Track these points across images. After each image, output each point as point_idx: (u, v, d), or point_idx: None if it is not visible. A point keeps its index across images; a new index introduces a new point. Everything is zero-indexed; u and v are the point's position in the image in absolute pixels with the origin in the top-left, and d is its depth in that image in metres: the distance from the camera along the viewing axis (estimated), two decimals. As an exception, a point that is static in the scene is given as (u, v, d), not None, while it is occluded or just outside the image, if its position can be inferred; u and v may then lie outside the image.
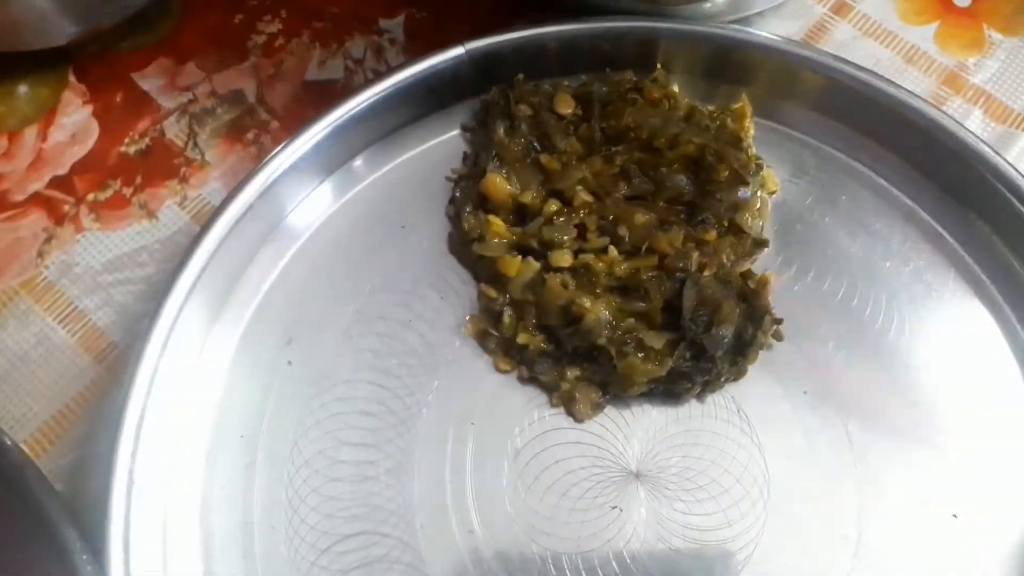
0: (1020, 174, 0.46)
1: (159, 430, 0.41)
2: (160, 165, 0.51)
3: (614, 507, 0.42)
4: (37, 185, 0.50)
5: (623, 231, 0.43)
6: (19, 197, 0.50)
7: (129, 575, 0.38)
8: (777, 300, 0.45)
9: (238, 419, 0.44)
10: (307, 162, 0.46)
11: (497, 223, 0.44)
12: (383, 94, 0.47)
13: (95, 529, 0.38)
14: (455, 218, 0.47)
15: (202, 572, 0.41)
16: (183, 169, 0.51)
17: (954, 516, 0.42)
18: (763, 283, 0.44)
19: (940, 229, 0.48)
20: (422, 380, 0.44)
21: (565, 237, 0.43)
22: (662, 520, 0.42)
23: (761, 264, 0.46)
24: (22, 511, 0.38)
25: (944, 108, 0.50)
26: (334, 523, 0.42)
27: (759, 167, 0.46)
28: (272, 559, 0.41)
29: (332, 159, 0.48)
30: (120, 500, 0.39)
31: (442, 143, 0.50)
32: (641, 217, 0.43)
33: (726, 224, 0.45)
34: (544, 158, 0.45)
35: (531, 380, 0.44)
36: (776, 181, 0.48)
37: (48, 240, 0.49)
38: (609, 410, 0.44)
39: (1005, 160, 0.46)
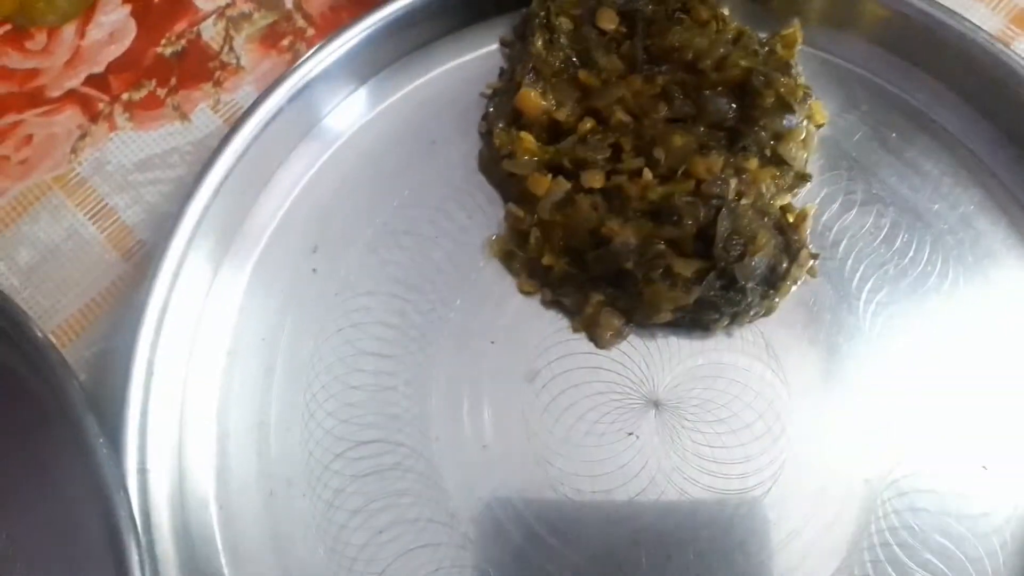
0: (1088, 121, 0.43)
1: (180, 326, 0.42)
2: (195, 67, 0.51)
3: (630, 433, 0.41)
4: (73, 82, 0.50)
5: (659, 153, 0.42)
6: (55, 93, 0.50)
7: (144, 462, 0.39)
8: (816, 236, 0.44)
9: (260, 322, 0.44)
10: (340, 68, 0.46)
11: (529, 139, 0.43)
12: (421, 1, 0.46)
13: (114, 419, 0.39)
14: (487, 135, 0.45)
15: (215, 467, 0.41)
16: (218, 73, 0.50)
17: (984, 468, 0.40)
18: (802, 217, 0.42)
19: (996, 174, 0.45)
20: (445, 296, 0.44)
21: (599, 156, 0.42)
22: (678, 450, 0.41)
23: (802, 199, 0.44)
24: (45, 396, 0.39)
25: (1011, 47, 0.47)
26: (350, 429, 0.42)
27: (807, 96, 0.44)
28: (286, 460, 0.41)
29: (366, 67, 0.47)
30: (138, 388, 0.39)
31: (479, 58, 0.48)
32: (679, 139, 0.41)
33: (768, 154, 0.43)
34: (583, 74, 0.43)
35: (554, 303, 0.44)
36: (824, 114, 0.46)
37: (82, 137, 0.49)
38: (632, 338, 0.43)
39: (1074, 106, 0.44)
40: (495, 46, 0.48)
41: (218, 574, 0.40)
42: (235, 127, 0.44)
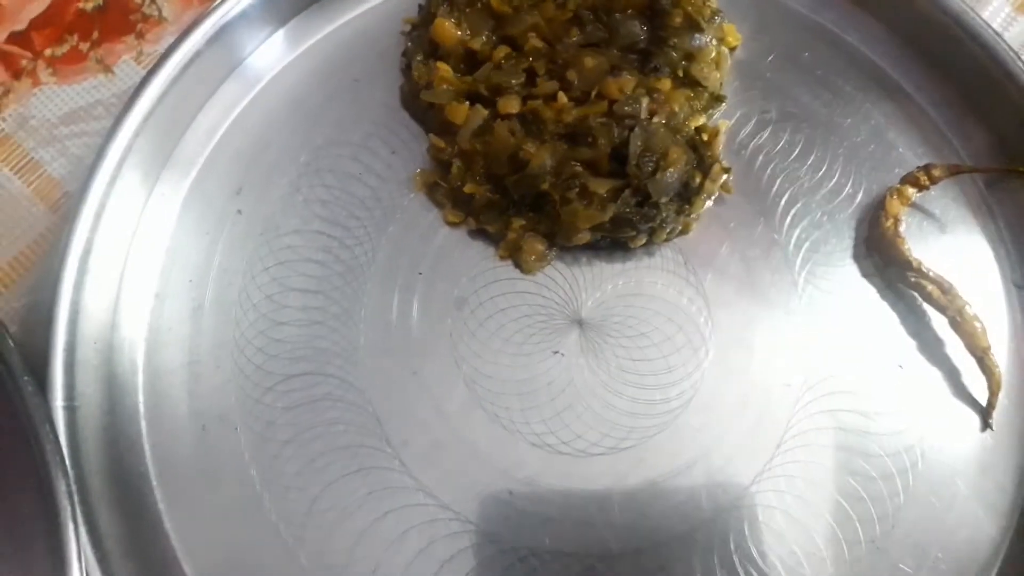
0: (993, 32, 0.44)
1: (105, 268, 0.42)
2: (117, 21, 0.51)
3: (556, 352, 0.42)
4: (-5, 41, 0.50)
5: (572, 76, 0.42)
6: (-23, 52, 0.50)
7: (72, 399, 0.39)
8: (731, 155, 0.44)
9: (187, 264, 0.44)
10: (258, 10, 0.46)
11: (445, 69, 0.43)
12: (336, -60, 0.46)
13: (42, 358, 0.39)
14: (406, 69, 0.46)
15: (146, 405, 0.42)
16: (140, 25, 0.50)
17: (900, 366, 0.42)
18: (714, 133, 0.43)
19: (906, 87, 0.46)
20: (371, 231, 0.44)
21: (513, 81, 0.42)
22: (602, 365, 0.42)
23: (718, 119, 0.45)
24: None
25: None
26: (279, 363, 0.42)
27: (716, 16, 0.45)
28: (217, 396, 0.42)
29: (285, 8, 0.47)
30: (63, 328, 0.39)
31: (399, -4, 0.49)
32: (591, 61, 0.42)
33: (681, 75, 0.44)
34: (495, 2, 0.44)
35: (479, 232, 0.44)
36: (737, 36, 0.46)
37: (5, 94, 0.49)
38: (556, 262, 0.44)
39: (978, 16, 0.45)
40: (414, -16, 0.49)
41: (152, 509, 0.40)
42: (152, 71, 0.44)
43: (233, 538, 0.40)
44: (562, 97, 0.42)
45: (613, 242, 0.43)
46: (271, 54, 0.47)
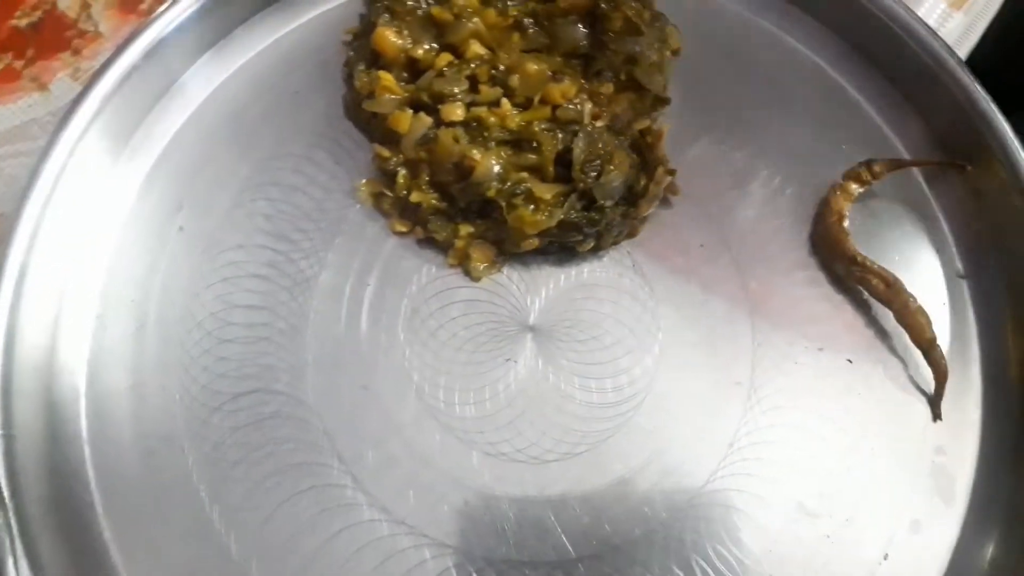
0: (928, 29, 0.45)
1: (42, 291, 0.41)
2: (52, 38, 0.50)
3: (507, 359, 0.42)
4: (-76, 60, 0.49)
5: (515, 82, 0.42)
6: (-94, 73, 0.49)
7: (10, 427, 0.38)
8: (676, 157, 0.44)
9: (129, 283, 0.43)
10: (195, 24, 0.45)
11: (388, 78, 0.43)
12: (274, -50, 0.46)
13: (-24, 388, 0.38)
14: (348, 79, 0.45)
15: (89, 430, 0.40)
16: (75, 41, 0.49)
17: (849, 361, 0.42)
18: (657, 135, 0.43)
19: (847, 85, 0.47)
20: (317, 244, 0.44)
21: (456, 89, 0.42)
22: (554, 370, 0.42)
23: (663, 123, 0.45)
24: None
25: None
26: (226, 382, 0.41)
27: (656, 18, 0.45)
28: (163, 418, 0.41)
29: (222, 23, 0.46)
30: (-2, 353, 0.38)
31: (340, 6, 0.48)
32: (533, 67, 0.42)
33: (623, 78, 0.44)
34: (436, 10, 0.43)
35: (428, 241, 0.44)
36: (679, 39, 0.47)
37: (-64, 115, 0.48)
38: (506, 269, 0.44)
39: (914, 14, 0.46)
40: (354, -6, 0.48)
41: (98, 538, 0.39)
42: (88, 87, 0.43)
43: (184, 563, 0.39)
44: (505, 103, 0.42)
45: (562, 247, 0.43)
46: (209, 69, 0.46)
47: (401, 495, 0.39)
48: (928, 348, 0.41)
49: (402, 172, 0.43)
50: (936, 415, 0.41)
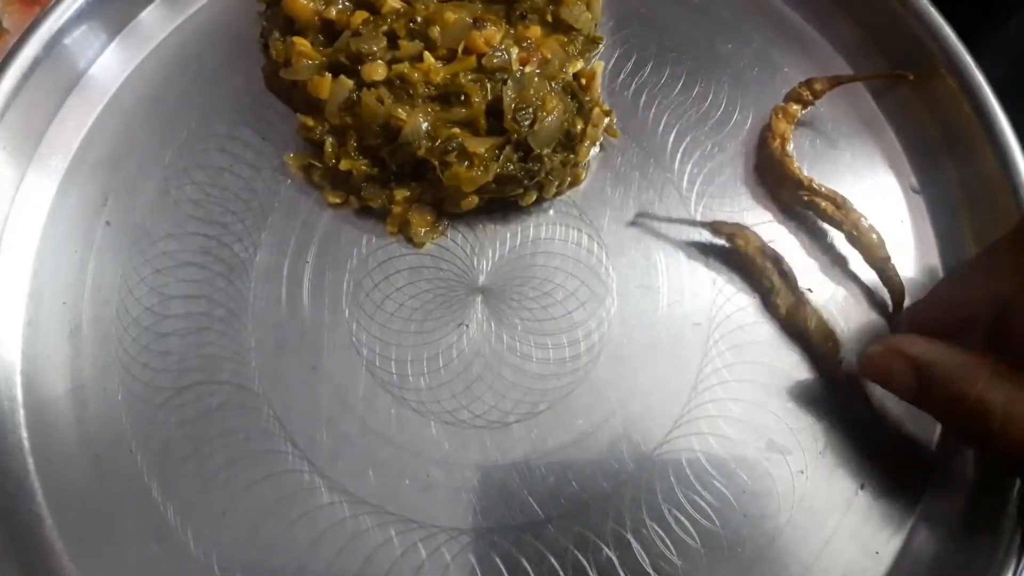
0: (862, -62, 0.43)
1: (-37, 302, 0.39)
2: (-48, 39, 0.47)
3: (460, 324, 0.40)
4: None
5: (435, 34, 0.40)
6: None
7: (-59, 447, 0.36)
8: (614, 97, 0.43)
9: (58, 285, 0.41)
10: (98, 9, 0.43)
11: (303, 43, 0.41)
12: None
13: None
14: (265, 50, 0.43)
15: (31, 441, 0.39)
16: (-22, 39, 0.47)
17: (809, 290, 0.41)
18: (590, 75, 0.41)
19: (781, 4, 0.45)
20: (249, 225, 0.42)
21: (375, 47, 0.40)
22: (508, 330, 0.40)
23: (596, 62, 0.44)
24: None
25: None
26: (168, 377, 0.40)
27: (579, -48, 0.43)
28: (107, 420, 0.39)
29: (128, 4, 0.44)
30: (-81, 372, 0.36)
31: (250, -24, 0.46)
32: (452, 16, 0.40)
33: (551, 20, 0.42)
34: (345, -32, 0.41)
35: (365, 210, 0.42)
36: (606, -28, 0.45)
37: None
38: (450, 231, 0.42)
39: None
40: (266, -40, 0.46)
41: (50, 551, 0.37)
42: (-9, 82, 0.41)
43: (142, 566, 0.37)
44: (428, 57, 0.40)
45: (504, 202, 0.41)
46: (118, 55, 0.44)
47: (360, 474, 0.38)
48: (882, 267, 0.40)
49: (329, 140, 0.41)
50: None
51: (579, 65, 0.42)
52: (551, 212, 0.42)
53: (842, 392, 0.39)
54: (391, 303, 0.41)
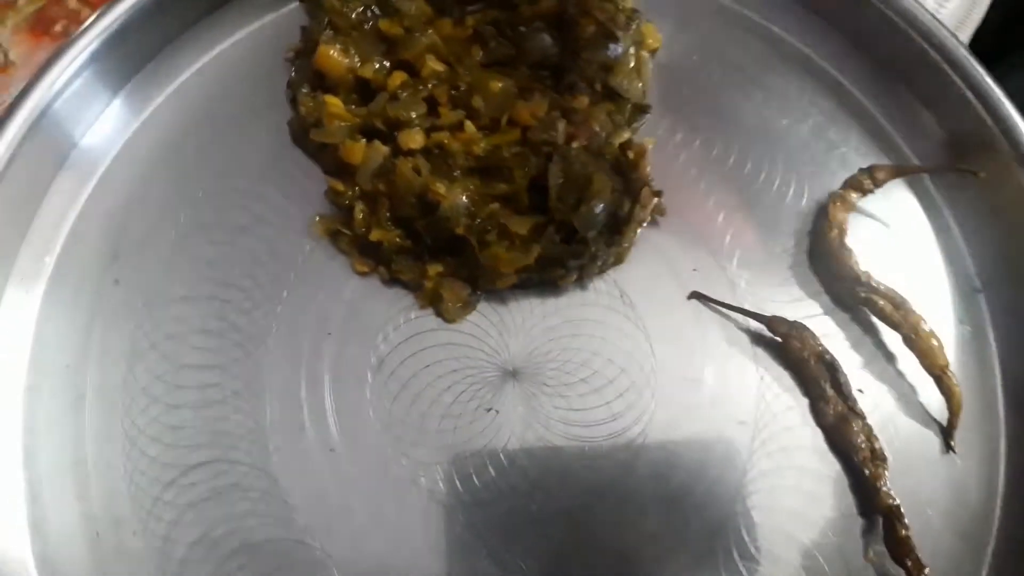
0: (927, 11, 0.41)
1: (-41, 367, 0.36)
2: (-44, 68, 0.44)
3: (489, 409, 0.38)
4: None
5: (478, 102, 0.38)
6: None
7: (-68, 530, 0.34)
8: (661, 171, 0.40)
9: (61, 349, 0.38)
10: (116, 47, 0.40)
11: (335, 103, 0.38)
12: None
13: None
14: (293, 101, 0.41)
15: (29, 517, 0.36)
16: (-14, 69, 0.44)
17: (860, 391, 0.38)
18: (640, 152, 0.39)
19: (842, 79, 0.43)
20: (269, 291, 0.39)
21: (413, 113, 0.38)
22: (541, 418, 0.38)
23: (644, 133, 0.41)
24: None
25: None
26: (178, 453, 0.37)
27: (632, 19, 0.40)
28: (110, 497, 0.37)
29: (147, 43, 0.41)
30: (-90, 449, 0.34)
31: (280, 18, 0.43)
32: (497, 84, 0.38)
33: (599, 88, 0.39)
34: (384, 23, 0.39)
35: (394, 281, 0.40)
36: (658, 36, 0.42)
37: None
38: (483, 306, 0.39)
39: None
40: (295, 2, 0.43)
41: (45, 638, 0.35)
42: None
43: (142, 662, 0.35)
44: (470, 127, 0.38)
45: (541, 281, 0.39)
46: (135, 98, 0.42)
47: (380, 571, 0.36)
48: (940, 375, 0.38)
49: (359, 207, 0.39)
50: (949, 447, 0.38)
51: (626, 135, 0.40)
52: (591, 292, 0.40)
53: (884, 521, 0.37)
54: (417, 382, 0.38)
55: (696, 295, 0.39)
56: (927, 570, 0.35)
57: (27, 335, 0.38)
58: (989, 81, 0.39)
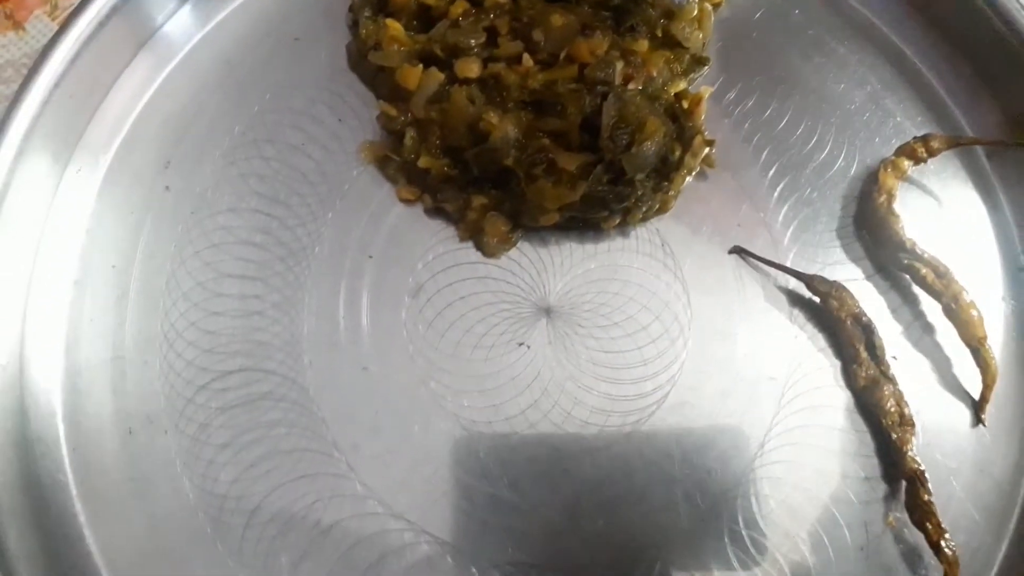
0: (1000, -11, 0.40)
1: (13, 252, 0.37)
2: (27, -30, 0.45)
3: (521, 344, 0.38)
4: None
5: (538, 36, 0.38)
6: None
7: (-25, 404, 0.35)
8: (713, 125, 0.40)
9: (110, 248, 0.39)
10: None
11: (396, 27, 0.39)
12: None
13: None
14: (353, 26, 0.41)
15: (65, 406, 0.37)
16: (54, -25, 0.45)
17: (894, 358, 0.38)
18: (696, 101, 0.39)
19: (904, 48, 0.42)
20: (315, 210, 0.40)
21: (472, 41, 0.38)
22: (572, 357, 0.38)
23: (700, 85, 0.41)
24: None
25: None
26: (214, 359, 0.38)
27: (699, -32, 0.40)
28: (145, 395, 0.38)
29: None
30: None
31: (346, -56, 0.43)
32: (559, 19, 0.38)
33: (660, 35, 0.39)
34: (451, -48, 0.39)
35: (437, 211, 0.40)
36: (721, -9, 0.42)
37: (-100, 52, 0.43)
38: (522, 244, 0.40)
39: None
40: (362, -69, 0.43)
41: (72, 523, 0.36)
42: (65, 26, 0.38)
43: (164, 553, 0.36)
44: (527, 60, 0.38)
45: (584, 223, 0.39)
46: (198, 12, 0.42)
47: (401, 488, 0.36)
48: (977, 347, 0.37)
49: (410, 133, 0.39)
50: (979, 420, 0.38)
51: (682, 85, 0.40)
52: (632, 239, 0.40)
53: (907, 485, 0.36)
54: (452, 312, 0.39)
55: (737, 249, 0.39)
56: (947, 535, 0.34)
57: (79, 231, 0.39)
58: (1056, 60, 0.39)
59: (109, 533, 0.36)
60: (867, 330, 0.37)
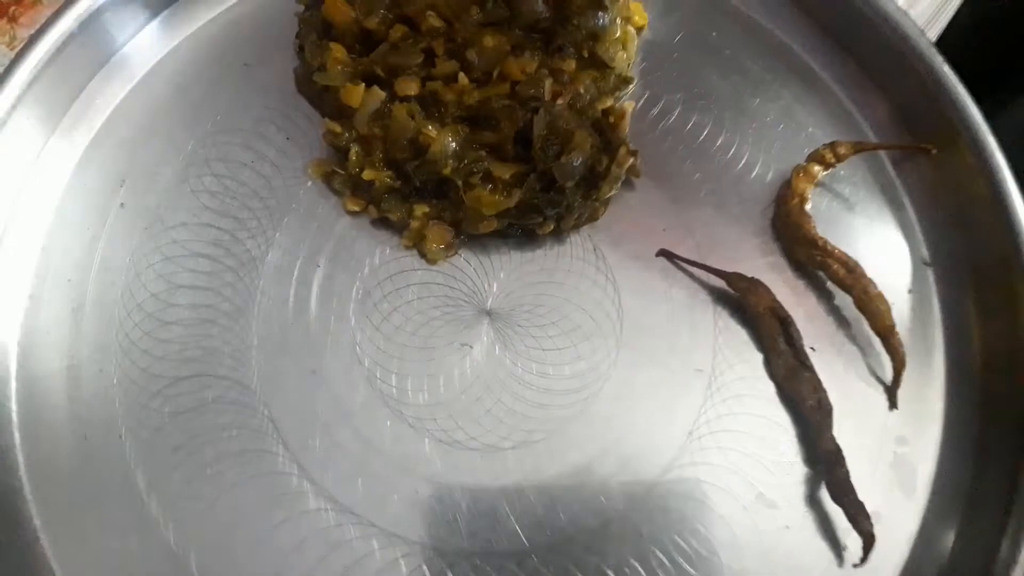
0: (898, 9, 0.44)
1: (-31, 268, 0.39)
2: (-14, 3, 0.47)
3: (463, 344, 0.40)
4: None
5: (473, 56, 0.40)
6: None
7: (-70, 412, 0.36)
8: (639, 138, 0.43)
9: (65, 262, 0.41)
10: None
11: (339, 49, 0.41)
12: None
13: None
14: (300, 52, 0.43)
15: (19, 413, 0.38)
16: (13, 8, 0.47)
17: (812, 349, 0.41)
18: (620, 115, 0.41)
19: (814, 66, 0.46)
20: (265, 223, 0.42)
21: (411, 62, 0.40)
22: (511, 356, 0.40)
23: (625, 102, 0.44)
24: None
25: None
26: (166, 366, 0.39)
27: (620, -7, 0.43)
28: (100, 402, 0.39)
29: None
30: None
31: (292, -24, 0.46)
32: (491, 40, 0.40)
33: (586, 55, 0.42)
34: (390, -21, 0.42)
35: (382, 221, 0.42)
36: (644, 15, 0.45)
37: None
38: (464, 251, 0.42)
39: (882, -5, 0.45)
40: (308, -38, 0.46)
41: (27, 527, 0.37)
42: (19, 56, 0.40)
43: (119, 554, 0.37)
44: (463, 78, 0.40)
45: (522, 229, 0.42)
46: (153, 38, 0.45)
47: (349, 484, 0.38)
48: (887, 335, 0.40)
49: (355, 149, 0.41)
50: (893, 404, 0.40)
51: (608, 102, 0.43)
52: (567, 244, 0.42)
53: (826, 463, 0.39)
54: (398, 316, 0.41)
55: (663, 252, 0.42)
56: (864, 508, 0.37)
57: (35, 246, 0.41)
58: (947, 69, 0.42)
59: (64, 535, 0.37)
60: (784, 323, 0.40)
